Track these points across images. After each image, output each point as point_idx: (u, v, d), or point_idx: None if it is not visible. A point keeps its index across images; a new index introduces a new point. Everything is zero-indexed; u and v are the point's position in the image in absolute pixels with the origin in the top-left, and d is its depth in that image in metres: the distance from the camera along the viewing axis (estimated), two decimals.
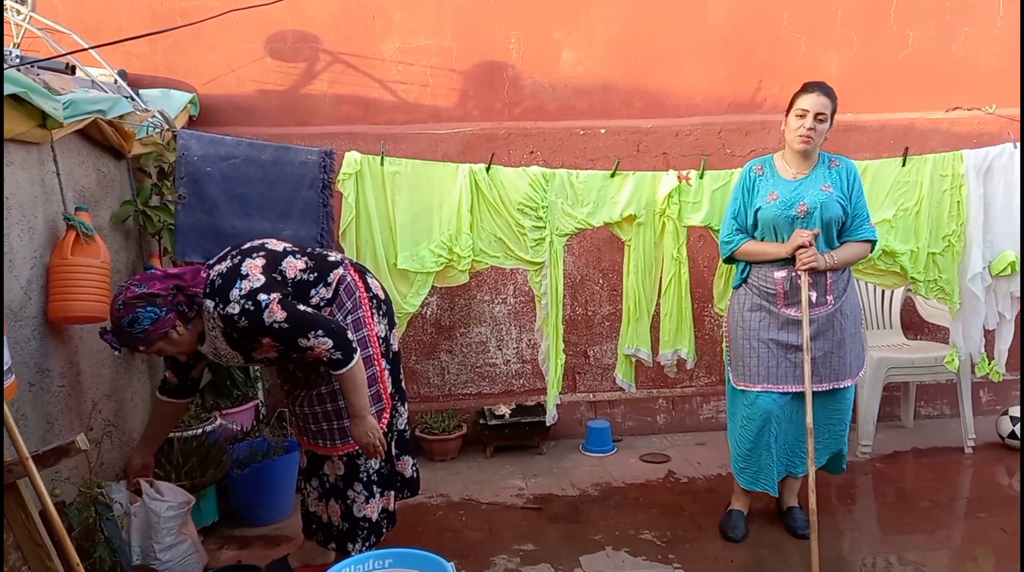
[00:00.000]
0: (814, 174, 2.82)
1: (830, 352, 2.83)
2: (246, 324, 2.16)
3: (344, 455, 2.49)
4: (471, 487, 3.59)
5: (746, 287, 2.91)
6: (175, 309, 2.15)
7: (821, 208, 2.74)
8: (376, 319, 2.51)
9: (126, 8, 3.82)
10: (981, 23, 4.31)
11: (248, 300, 2.16)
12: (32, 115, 2.28)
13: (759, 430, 2.85)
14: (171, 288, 2.15)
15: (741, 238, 2.87)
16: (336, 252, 2.56)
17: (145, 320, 2.10)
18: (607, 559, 2.85)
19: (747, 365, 2.87)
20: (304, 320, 2.19)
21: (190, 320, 2.20)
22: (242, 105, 3.96)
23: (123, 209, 3.09)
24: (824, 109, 2.73)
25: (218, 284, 2.21)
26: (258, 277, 2.22)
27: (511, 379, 4.24)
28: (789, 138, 2.80)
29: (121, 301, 2.12)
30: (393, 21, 4.01)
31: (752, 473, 2.93)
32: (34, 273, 2.41)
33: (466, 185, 3.18)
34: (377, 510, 2.55)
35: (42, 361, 2.44)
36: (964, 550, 2.86)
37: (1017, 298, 3.46)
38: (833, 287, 2.81)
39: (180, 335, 2.20)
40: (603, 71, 4.17)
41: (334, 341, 2.20)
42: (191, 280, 2.20)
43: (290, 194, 3.05)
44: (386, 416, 2.50)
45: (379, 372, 2.48)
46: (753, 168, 2.91)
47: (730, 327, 2.99)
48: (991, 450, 3.87)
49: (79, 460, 2.48)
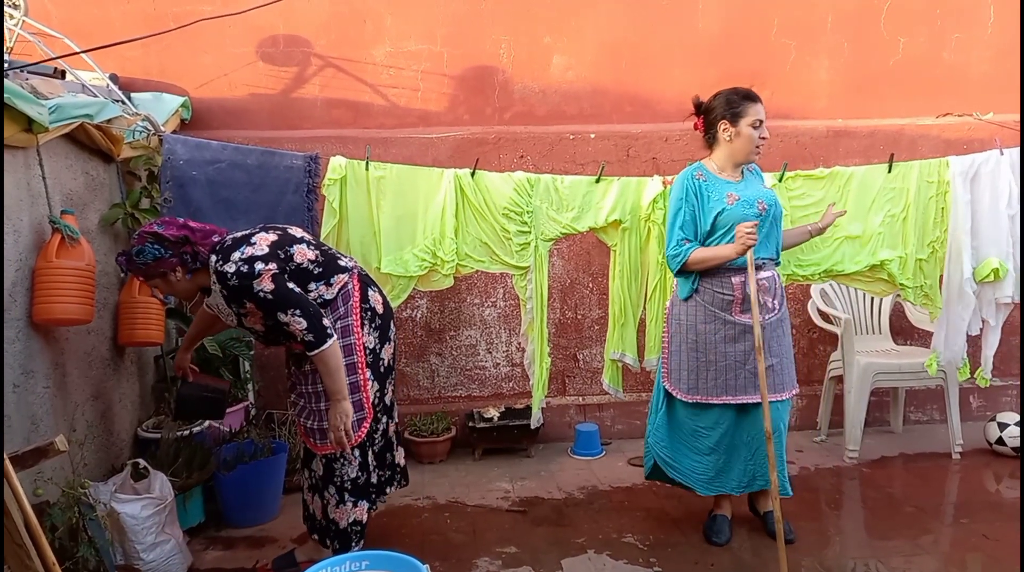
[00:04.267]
0: (748, 177, 2.88)
1: (781, 358, 2.86)
2: (235, 283, 2.29)
3: (324, 456, 2.55)
4: (458, 489, 3.61)
5: (697, 298, 2.84)
6: (179, 256, 2.36)
7: (775, 204, 2.82)
8: (367, 330, 2.55)
9: (119, 12, 3.86)
10: (972, 29, 4.32)
11: (245, 263, 2.30)
12: (17, 119, 2.32)
13: (718, 439, 2.87)
14: (180, 238, 2.36)
15: (690, 247, 2.78)
16: (350, 260, 2.62)
17: (148, 254, 2.34)
18: (589, 562, 2.86)
19: (703, 378, 2.84)
20: (286, 297, 2.32)
21: (191, 270, 2.40)
22: (234, 109, 3.99)
23: (112, 212, 3.12)
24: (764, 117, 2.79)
25: (227, 244, 2.38)
26: (263, 248, 2.36)
27: (500, 382, 4.25)
28: (741, 147, 2.75)
29: (139, 232, 2.39)
30: (384, 26, 4.04)
31: (708, 479, 2.93)
32: (19, 275, 2.44)
33: (451, 190, 3.20)
34: (346, 518, 2.57)
35: (27, 363, 2.46)
36: (947, 556, 2.86)
37: (1003, 304, 3.47)
38: (779, 292, 2.86)
39: (178, 280, 2.40)
40: (593, 76, 4.19)
41: (308, 323, 2.31)
42: (200, 238, 2.40)
43: (275, 198, 3.08)
44: (366, 425, 2.52)
45: (362, 381, 2.51)
46: (694, 174, 2.82)
47: (673, 339, 2.92)
48: (979, 456, 3.87)
49: (63, 461, 2.51)
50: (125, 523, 2.51)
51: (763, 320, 2.75)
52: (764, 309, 2.78)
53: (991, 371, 3.54)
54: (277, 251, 2.38)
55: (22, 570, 2.01)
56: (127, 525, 2.52)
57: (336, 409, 2.42)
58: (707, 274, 2.80)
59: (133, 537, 2.53)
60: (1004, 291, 3.40)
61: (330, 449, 2.49)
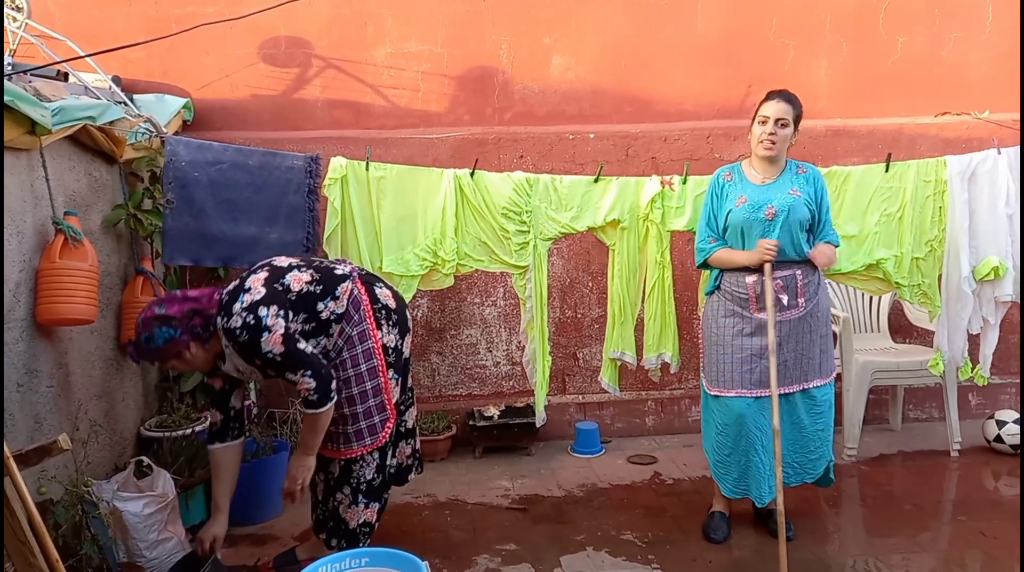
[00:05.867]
0: (781, 179, 2.87)
1: (801, 354, 2.87)
2: (245, 339, 2.25)
3: (343, 459, 2.55)
4: (458, 487, 3.63)
5: (719, 293, 2.95)
6: (189, 331, 2.29)
7: (789, 211, 2.78)
8: (386, 329, 2.56)
9: (122, 14, 3.88)
10: (970, 29, 4.32)
11: (248, 313, 2.25)
12: (20, 122, 2.34)
13: (736, 436, 2.89)
14: (187, 311, 2.29)
15: (714, 246, 2.91)
16: (346, 265, 2.60)
17: (159, 338, 2.26)
18: (588, 559, 2.88)
19: (721, 370, 2.91)
20: (298, 358, 2.29)
21: (206, 340, 2.33)
22: (236, 110, 4.01)
23: (114, 213, 3.14)
24: (785, 115, 2.78)
25: (225, 301, 2.33)
26: (259, 290, 2.31)
27: (501, 381, 4.28)
28: (753, 145, 2.87)
29: (141, 319, 2.30)
30: (385, 27, 4.06)
31: (733, 480, 2.94)
32: (23, 276, 2.47)
33: (451, 190, 3.23)
34: (357, 519, 2.59)
35: (31, 362, 2.49)
36: (946, 553, 2.88)
37: (1002, 303, 3.48)
38: (804, 290, 2.84)
39: (193, 355, 2.33)
40: (593, 76, 4.21)
41: (317, 383, 2.31)
42: (207, 303, 2.33)
43: (277, 199, 3.10)
44: (389, 425, 2.56)
45: (384, 383, 2.53)
46: (722, 174, 2.95)
47: (704, 333, 3.02)
48: (977, 454, 3.88)
49: (66, 459, 2.54)
50: (128, 521, 2.54)
51: (779, 317, 2.79)
52: (781, 307, 2.80)
53: (990, 369, 3.56)
54: (274, 286, 2.34)
55: (26, 567, 2.03)
56: (129, 523, 2.54)
57: (300, 461, 2.44)
58: (727, 272, 2.91)
59: (135, 535, 2.55)
60: (1004, 289, 3.42)
61: (352, 452, 2.50)
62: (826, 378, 2.95)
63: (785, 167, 2.89)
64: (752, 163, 2.93)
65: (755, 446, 2.88)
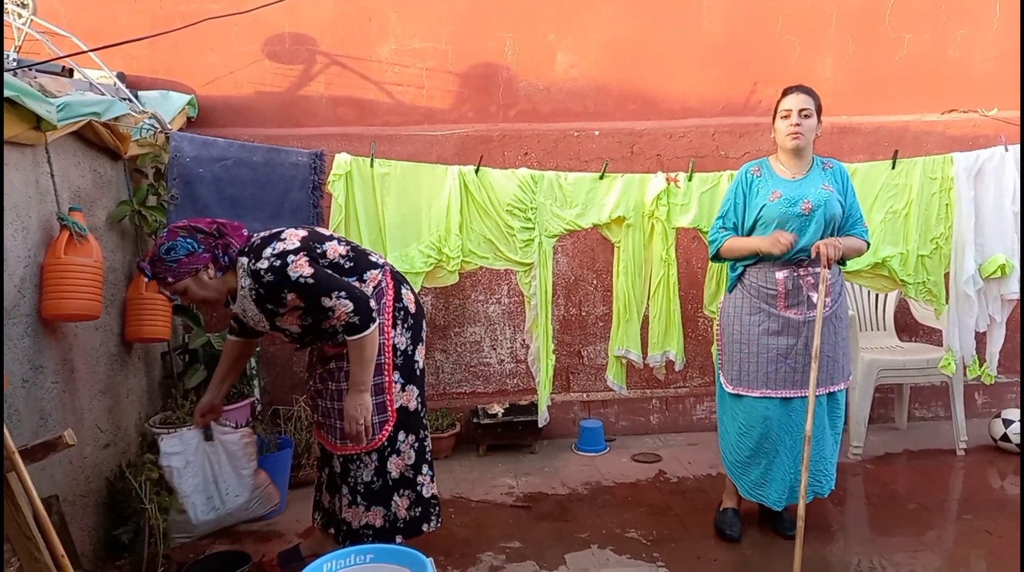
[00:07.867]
0: (811, 174, 2.83)
1: (828, 356, 2.80)
2: (271, 279, 2.21)
3: (341, 456, 2.51)
4: (462, 485, 3.63)
5: (742, 289, 2.87)
6: (212, 250, 2.24)
7: (825, 205, 2.74)
8: (399, 330, 2.48)
9: (126, 11, 3.88)
10: (977, 26, 4.31)
11: (278, 258, 2.22)
12: (26, 117, 2.34)
13: (760, 437, 2.82)
14: (215, 230, 2.26)
15: (725, 235, 2.86)
16: (379, 257, 2.56)
17: (181, 249, 2.20)
18: (592, 557, 2.88)
19: (744, 370, 2.84)
20: (328, 280, 2.24)
21: (222, 268, 2.27)
22: (240, 106, 4.01)
23: (119, 209, 3.14)
24: (807, 104, 2.75)
25: (256, 243, 2.30)
26: (294, 242, 2.28)
27: (505, 378, 4.27)
28: (780, 140, 2.81)
29: (166, 229, 2.28)
30: (389, 24, 4.06)
31: (751, 482, 2.89)
32: (28, 272, 2.47)
33: (455, 187, 3.22)
34: (358, 520, 2.52)
35: (36, 358, 2.49)
36: (951, 552, 2.87)
37: (1008, 301, 3.47)
38: (831, 289, 2.78)
39: (209, 278, 2.26)
40: (597, 74, 4.20)
41: (355, 305, 2.23)
42: (232, 231, 2.31)
43: (281, 195, 3.10)
44: (387, 428, 2.45)
45: (387, 382, 2.44)
46: (750, 170, 2.90)
47: (724, 331, 2.95)
48: (983, 452, 3.87)
49: (71, 455, 2.54)
50: (230, 450, 2.58)
51: (807, 316, 2.75)
52: (809, 305, 2.76)
53: (996, 367, 3.55)
54: (311, 244, 2.31)
55: (31, 562, 2.03)
56: (230, 452, 2.58)
57: (356, 400, 2.33)
58: (751, 266, 2.84)
59: (236, 465, 2.59)
60: (1010, 287, 3.41)
61: (347, 450, 2.45)
62: (846, 381, 2.92)
63: (812, 163, 2.85)
64: (780, 159, 2.87)
65: (778, 448, 2.82)
